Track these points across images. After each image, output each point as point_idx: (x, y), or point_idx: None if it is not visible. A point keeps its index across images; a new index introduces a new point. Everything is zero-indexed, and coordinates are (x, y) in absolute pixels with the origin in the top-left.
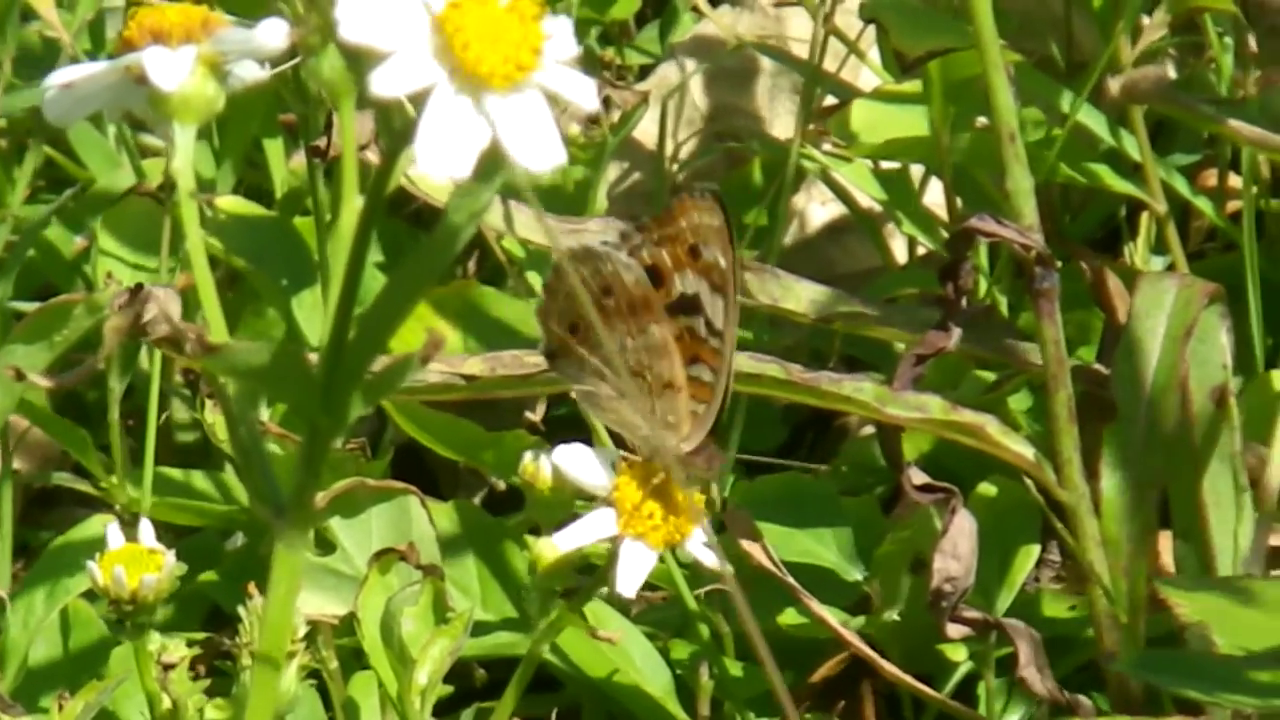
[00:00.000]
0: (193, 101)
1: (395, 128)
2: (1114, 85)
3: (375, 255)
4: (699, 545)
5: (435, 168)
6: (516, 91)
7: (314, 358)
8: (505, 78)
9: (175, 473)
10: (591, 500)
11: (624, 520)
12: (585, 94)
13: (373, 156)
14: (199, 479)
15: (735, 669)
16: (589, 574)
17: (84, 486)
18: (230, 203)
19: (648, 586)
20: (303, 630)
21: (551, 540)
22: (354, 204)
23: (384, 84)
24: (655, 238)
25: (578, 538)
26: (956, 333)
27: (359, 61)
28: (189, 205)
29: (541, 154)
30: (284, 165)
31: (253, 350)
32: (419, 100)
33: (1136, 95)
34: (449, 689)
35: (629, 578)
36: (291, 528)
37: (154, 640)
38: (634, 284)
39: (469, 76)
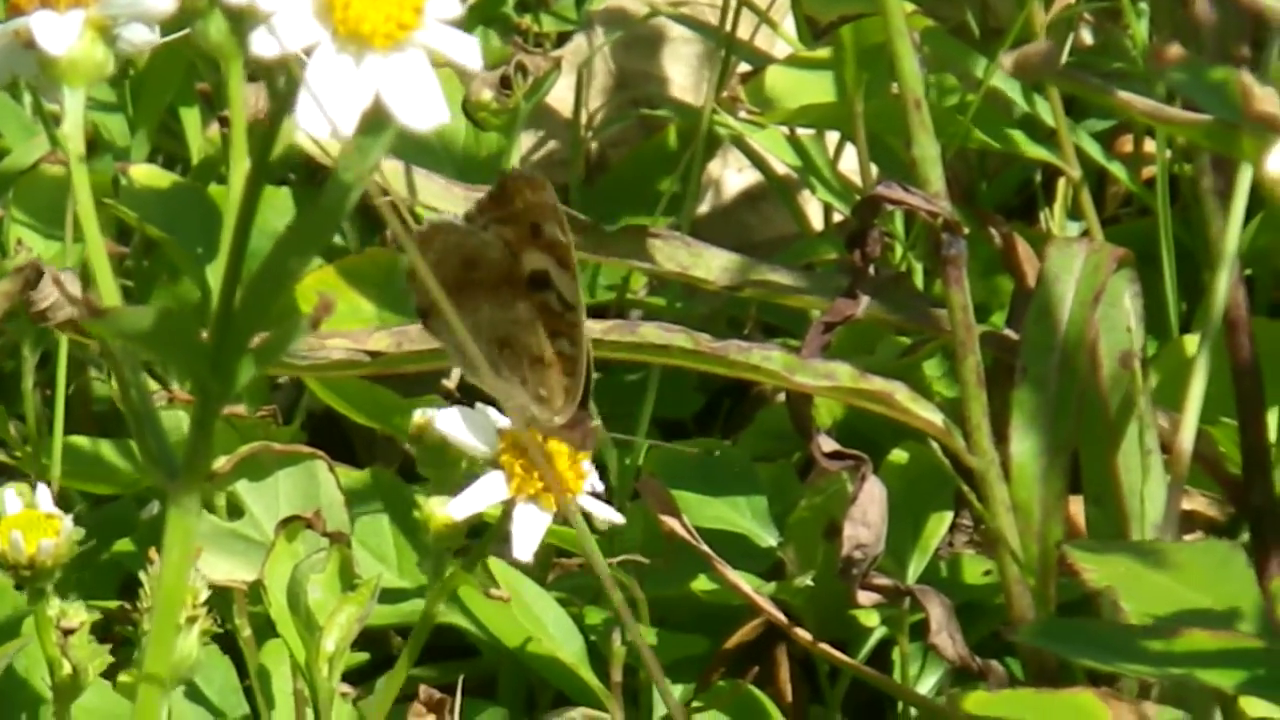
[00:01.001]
0: (81, 65)
1: (279, 89)
2: (1006, 61)
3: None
4: (591, 500)
5: (317, 128)
6: (399, 51)
7: None
8: (387, 36)
9: (88, 441)
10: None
11: (515, 484)
12: (468, 53)
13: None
14: (112, 448)
15: (649, 635)
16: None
17: None
18: (144, 172)
19: (563, 554)
20: (205, 594)
21: (444, 504)
22: (243, 167)
23: (264, 45)
24: (496, 217)
25: (470, 504)
26: (864, 300)
27: (243, 23)
28: (79, 169)
29: (424, 113)
30: (200, 133)
31: (139, 314)
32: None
33: (1029, 69)
34: (363, 657)
35: (525, 540)
36: (184, 491)
37: (54, 605)
38: (498, 259)
39: (351, 36)
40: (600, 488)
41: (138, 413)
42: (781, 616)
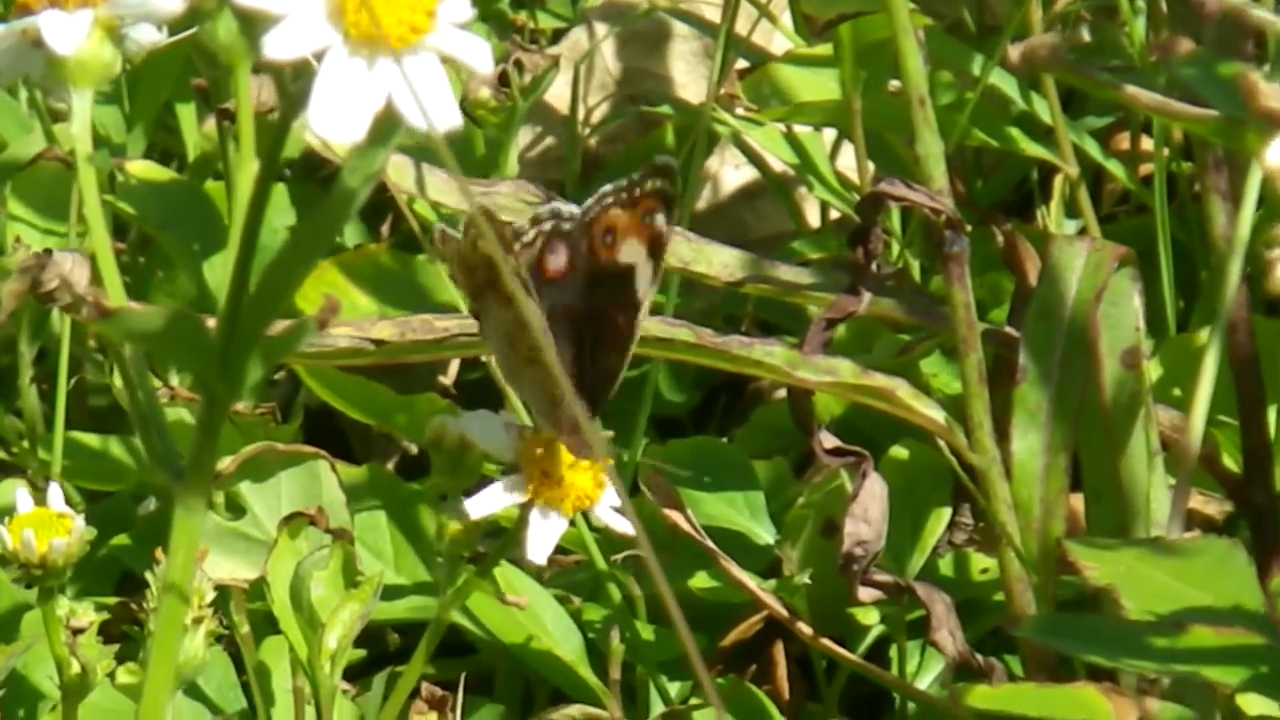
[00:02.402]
0: (89, 65)
1: (291, 91)
2: (1013, 52)
3: (291, 220)
4: (608, 510)
5: (329, 131)
6: (411, 54)
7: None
8: (399, 40)
9: (87, 437)
10: (498, 466)
11: (533, 487)
12: (480, 57)
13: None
14: (111, 443)
15: (647, 633)
16: (497, 537)
17: None
18: (141, 167)
19: (560, 550)
20: (210, 595)
21: (460, 506)
22: (251, 167)
23: (277, 47)
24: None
25: (488, 505)
26: (866, 297)
27: (253, 25)
28: (87, 169)
29: (436, 117)
30: (196, 129)
31: (148, 314)
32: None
33: (1035, 62)
34: (362, 653)
35: (540, 544)
36: (190, 492)
37: (63, 605)
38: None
39: (363, 39)
40: (617, 500)
41: (144, 414)
42: (784, 612)
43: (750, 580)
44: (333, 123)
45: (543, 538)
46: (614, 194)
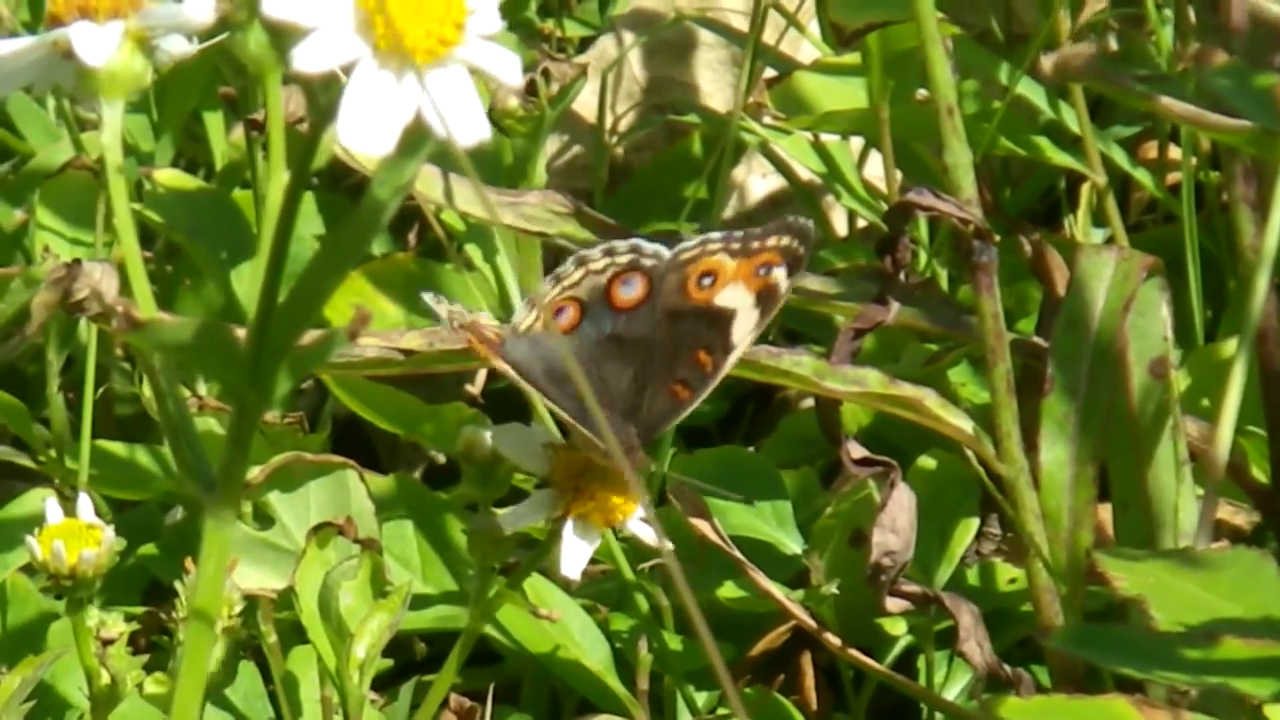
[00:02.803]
0: (120, 77)
1: (321, 103)
2: (1046, 63)
3: (317, 228)
4: (638, 523)
5: (358, 143)
6: (440, 66)
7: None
8: (428, 52)
9: (114, 446)
10: (529, 477)
11: (566, 501)
12: (509, 69)
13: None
14: (138, 452)
15: (674, 642)
16: (528, 548)
17: (23, 460)
18: (168, 176)
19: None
20: (239, 605)
21: (491, 518)
22: (282, 178)
23: (306, 60)
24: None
25: (521, 519)
26: (895, 306)
27: (283, 37)
28: (117, 180)
29: (466, 129)
30: (223, 138)
31: (179, 325)
32: (344, 75)
33: (1069, 72)
34: (389, 662)
35: (573, 559)
36: (220, 503)
37: (92, 615)
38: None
39: (392, 51)
40: (646, 514)
41: (174, 424)
42: (811, 622)
43: (778, 590)
44: (362, 135)
45: (576, 553)
46: (723, 242)
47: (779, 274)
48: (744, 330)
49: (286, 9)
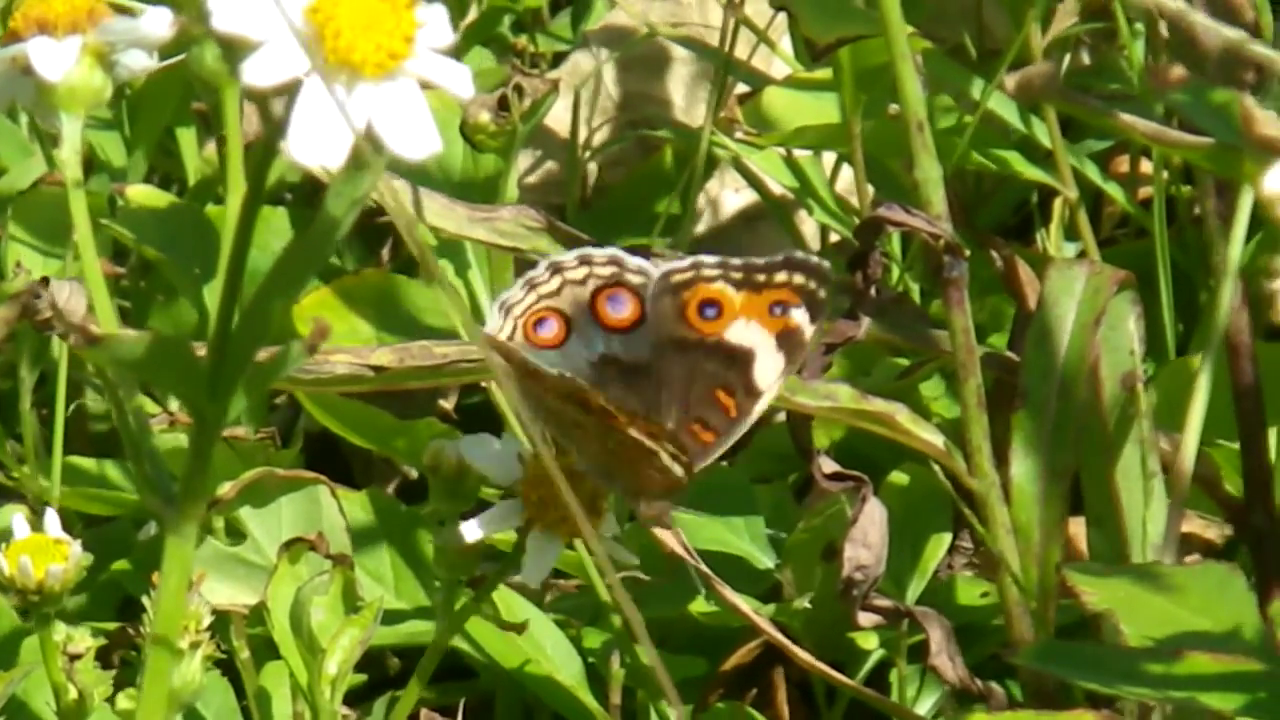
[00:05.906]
0: (79, 92)
1: (273, 116)
2: (1009, 81)
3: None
4: (606, 537)
5: (307, 156)
6: (389, 80)
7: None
8: (378, 66)
9: (86, 462)
10: (496, 490)
11: (531, 511)
12: (460, 82)
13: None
14: (110, 468)
15: (647, 657)
16: (495, 561)
17: None
18: (141, 192)
19: (561, 575)
20: (208, 619)
21: (458, 530)
22: (240, 191)
23: (256, 74)
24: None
25: (485, 528)
26: (865, 321)
27: (235, 51)
28: (77, 194)
29: (416, 142)
30: (196, 154)
31: (134, 340)
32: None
33: (1031, 90)
34: (362, 678)
35: (536, 568)
36: (182, 517)
37: (60, 631)
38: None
39: (341, 65)
40: (616, 528)
41: (134, 439)
42: (781, 637)
43: (745, 605)
44: (311, 149)
45: (539, 562)
46: (721, 269)
47: (798, 316)
48: (768, 373)
49: (236, 23)
